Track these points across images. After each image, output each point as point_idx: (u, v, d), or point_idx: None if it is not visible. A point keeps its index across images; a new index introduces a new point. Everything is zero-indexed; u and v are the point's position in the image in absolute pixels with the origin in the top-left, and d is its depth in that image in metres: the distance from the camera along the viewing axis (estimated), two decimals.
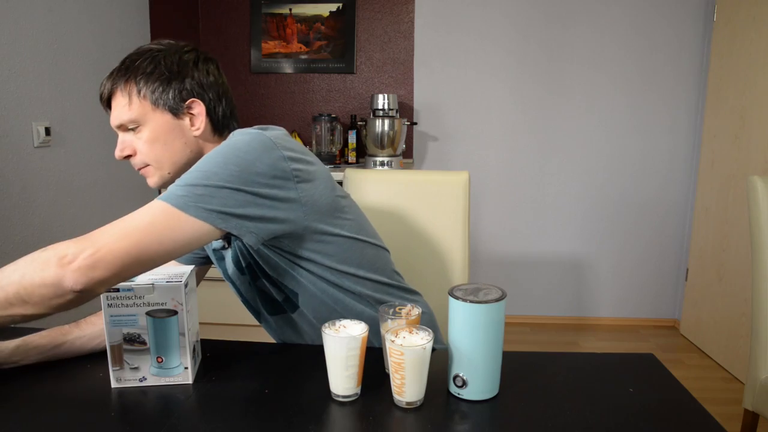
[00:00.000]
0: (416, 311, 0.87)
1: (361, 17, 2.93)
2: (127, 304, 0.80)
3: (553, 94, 2.88)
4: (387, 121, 2.65)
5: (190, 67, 0.93)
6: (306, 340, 1.05)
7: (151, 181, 0.94)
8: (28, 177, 1.77)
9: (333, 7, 2.92)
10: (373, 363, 0.87)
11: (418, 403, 0.77)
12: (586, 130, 2.89)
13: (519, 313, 3.04)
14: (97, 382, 0.84)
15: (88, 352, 0.93)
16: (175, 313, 0.81)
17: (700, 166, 2.75)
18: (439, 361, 0.82)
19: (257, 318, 1.09)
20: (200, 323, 0.93)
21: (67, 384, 0.85)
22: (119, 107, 0.91)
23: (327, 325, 0.80)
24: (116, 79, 0.91)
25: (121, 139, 0.93)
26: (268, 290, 0.99)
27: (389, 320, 0.85)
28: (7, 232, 1.68)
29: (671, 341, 2.82)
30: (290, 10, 2.94)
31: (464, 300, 0.77)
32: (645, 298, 3.02)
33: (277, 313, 1.03)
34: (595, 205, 2.95)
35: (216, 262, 1.07)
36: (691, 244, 2.84)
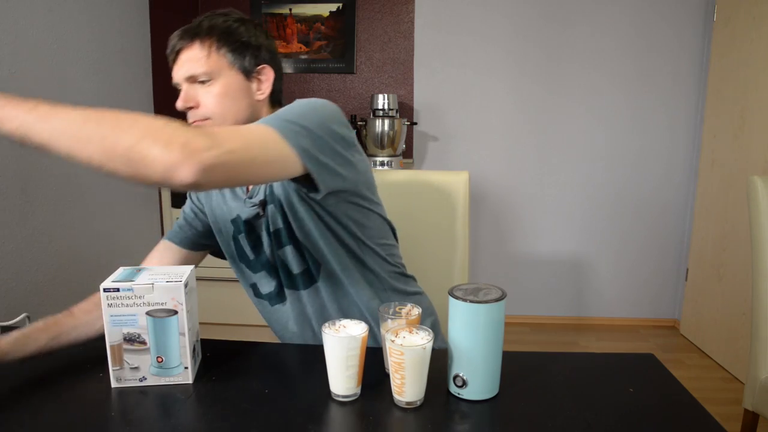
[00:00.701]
0: (416, 311, 0.87)
1: (361, 17, 2.93)
2: (127, 304, 0.80)
3: (553, 94, 2.88)
4: (387, 121, 2.65)
5: (265, 36, 1.00)
6: (299, 329, 1.05)
7: None
8: (28, 177, 1.77)
9: (333, 7, 2.92)
10: (373, 363, 0.87)
11: (418, 403, 0.77)
12: (586, 130, 2.89)
13: (519, 313, 3.04)
14: (97, 382, 0.84)
15: (86, 340, 0.94)
16: (175, 313, 0.81)
17: (700, 166, 2.75)
18: (439, 361, 0.82)
19: (259, 300, 1.09)
20: (200, 323, 0.93)
21: (67, 384, 0.85)
22: (195, 59, 0.93)
23: (327, 325, 0.80)
24: (197, 33, 0.94)
25: (185, 91, 0.95)
26: (287, 262, 1.01)
27: (389, 320, 0.85)
28: (7, 232, 1.68)
29: (671, 341, 2.82)
30: (290, 10, 2.95)
31: (464, 300, 0.77)
32: (645, 297, 3.02)
33: (291, 288, 1.04)
34: (595, 204, 2.95)
35: (228, 240, 1.06)
36: (691, 244, 2.84)
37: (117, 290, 0.79)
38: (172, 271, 0.85)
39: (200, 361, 0.91)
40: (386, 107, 2.72)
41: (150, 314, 0.81)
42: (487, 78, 2.89)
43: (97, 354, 0.92)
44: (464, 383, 0.79)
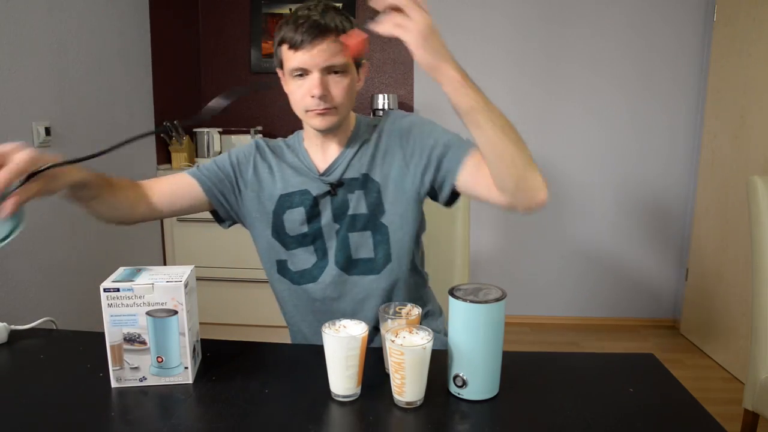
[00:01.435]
0: (416, 311, 0.87)
1: (361, 17, 2.93)
2: (127, 304, 0.80)
3: (553, 94, 2.87)
4: None
5: None
6: (317, 314, 1.10)
7: (327, 121, 1.02)
8: None
9: None
10: (373, 363, 0.87)
11: (418, 403, 0.77)
12: (586, 131, 2.89)
13: (519, 313, 3.04)
14: (97, 382, 0.84)
15: (116, 217, 1.04)
16: (175, 313, 0.81)
17: (700, 166, 2.75)
18: (439, 361, 0.82)
19: (280, 278, 1.12)
20: (200, 323, 0.93)
21: (67, 384, 0.85)
22: (334, 52, 0.98)
23: (327, 325, 0.80)
24: (331, 29, 0.97)
25: (321, 79, 0.98)
26: (351, 245, 1.07)
27: (389, 320, 0.85)
28: None
29: (671, 341, 2.82)
30: (290, 10, 2.94)
31: (464, 300, 0.77)
32: (645, 298, 3.02)
33: (342, 269, 1.08)
34: (595, 204, 2.95)
35: (266, 214, 1.09)
36: (691, 244, 2.84)
37: (117, 290, 0.79)
38: (172, 271, 0.85)
39: (200, 361, 0.91)
40: (386, 107, 2.71)
41: (150, 314, 0.81)
42: (487, 78, 2.87)
43: (97, 354, 0.92)
44: (464, 383, 0.79)
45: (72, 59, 1.97)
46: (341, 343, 0.76)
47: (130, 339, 0.81)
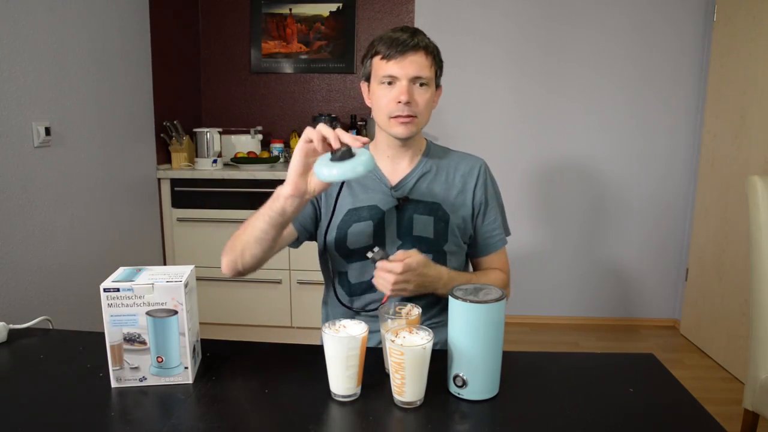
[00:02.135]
0: (416, 311, 0.87)
1: (361, 17, 2.93)
2: (127, 304, 0.80)
3: (553, 94, 2.87)
4: None
5: None
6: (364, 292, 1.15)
7: (408, 129, 1.09)
8: (28, 177, 1.77)
9: (333, 7, 2.92)
10: (373, 363, 0.87)
11: (418, 403, 0.77)
12: (586, 130, 2.89)
13: (519, 313, 3.04)
14: (96, 382, 0.84)
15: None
16: (175, 313, 0.81)
17: (700, 166, 2.75)
18: (439, 361, 0.82)
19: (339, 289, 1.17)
20: (200, 323, 0.93)
21: (67, 384, 0.85)
22: (424, 66, 1.08)
23: (327, 325, 0.80)
24: (423, 46, 1.08)
25: (408, 87, 1.07)
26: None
27: (389, 320, 0.85)
28: (7, 232, 1.68)
29: (671, 341, 2.82)
30: (290, 10, 2.94)
31: (464, 300, 0.77)
32: (645, 298, 3.02)
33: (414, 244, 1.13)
34: (595, 204, 2.95)
35: (332, 228, 1.13)
36: (691, 244, 2.84)
37: (117, 290, 0.79)
38: (172, 271, 0.85)
39: (200, 361, 0.91)
40: None
41: (150, 314, 0.81)
42: (487, 78, 2.89)
43: (97, 354, 0.92)
44: (464, 383, 0.79)
45: (72, 59, 1.97)
46: (341, 343, 0.76)
47: (130, 339, 0.81)
